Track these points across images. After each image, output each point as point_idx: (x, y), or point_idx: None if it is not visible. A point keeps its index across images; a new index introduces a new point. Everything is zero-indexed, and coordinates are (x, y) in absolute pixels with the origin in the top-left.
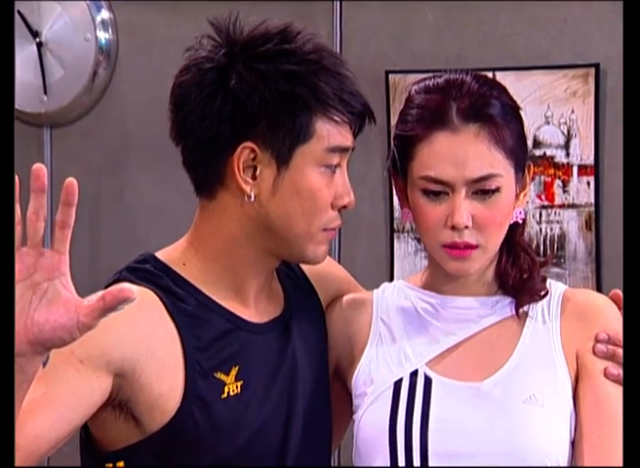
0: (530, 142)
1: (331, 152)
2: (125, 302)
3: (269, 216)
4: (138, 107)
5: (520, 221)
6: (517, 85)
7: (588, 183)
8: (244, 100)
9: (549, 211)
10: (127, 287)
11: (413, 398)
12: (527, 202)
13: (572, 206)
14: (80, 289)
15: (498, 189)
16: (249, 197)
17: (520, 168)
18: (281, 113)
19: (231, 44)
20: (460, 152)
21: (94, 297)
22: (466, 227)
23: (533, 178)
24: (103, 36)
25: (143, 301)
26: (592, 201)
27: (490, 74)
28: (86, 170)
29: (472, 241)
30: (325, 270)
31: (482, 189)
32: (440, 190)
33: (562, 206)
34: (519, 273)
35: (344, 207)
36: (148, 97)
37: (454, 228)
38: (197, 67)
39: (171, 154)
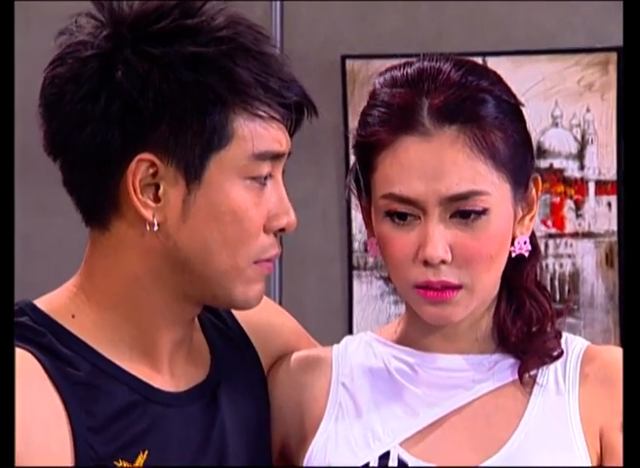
0: None
1: (257, 159)
2: None
3: (180, 250)
4: None
5: (525, 254)
6: (515, 74)
7: (609, 205)
8: (135, 97)
9: (558, 241)
10: None
11: None
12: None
13: (587, 235)
14: None
15: (484, 211)
16: (151, 225)
17: (521, 182)
18: (186, 112)
19: (116, 23)
20: (432, 162)
21: None
22: (443, 262)
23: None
24: None
25: (19, 369)
26: (614, 228)
27: (479, 60)
28: None
29: (453, 280)
30: (266, 318)
31: (462, 211)
32: (408, 212)
33: (575, 234)
34: (525, 326)
35: (282, 230)
36: (15, 93)
37: (427, 263)
38: (73, 56)
39: (51, 168)
